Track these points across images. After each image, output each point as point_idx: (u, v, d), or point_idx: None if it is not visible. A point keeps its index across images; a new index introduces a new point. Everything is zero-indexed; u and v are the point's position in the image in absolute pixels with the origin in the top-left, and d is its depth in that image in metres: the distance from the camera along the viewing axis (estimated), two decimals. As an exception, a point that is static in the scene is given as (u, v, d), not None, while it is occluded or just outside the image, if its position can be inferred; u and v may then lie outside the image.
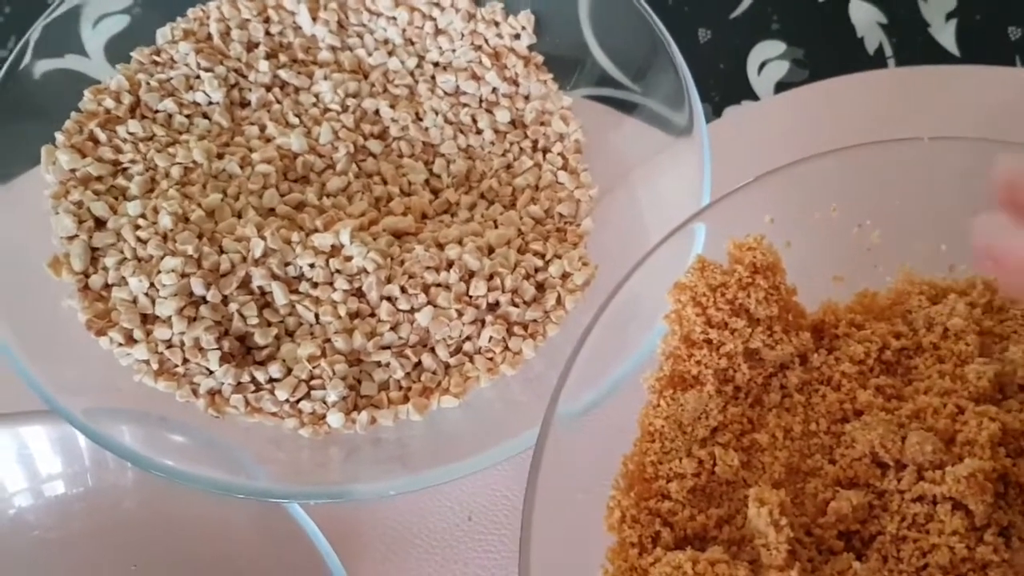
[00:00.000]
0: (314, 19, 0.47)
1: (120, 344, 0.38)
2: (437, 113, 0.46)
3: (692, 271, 0.36)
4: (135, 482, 0.37)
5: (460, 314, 0.40)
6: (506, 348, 0.40)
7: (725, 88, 0.54)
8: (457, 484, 0.43)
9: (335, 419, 0.38)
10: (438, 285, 0.40)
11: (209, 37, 0.46)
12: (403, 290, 0.40)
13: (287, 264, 0.40)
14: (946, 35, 0.56)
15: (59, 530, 0.37)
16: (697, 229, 0.38)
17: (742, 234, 0.36)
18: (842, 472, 0.35)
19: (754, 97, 0.54)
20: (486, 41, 0.47)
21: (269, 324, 0.39)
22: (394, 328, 0.40)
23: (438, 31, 0.48)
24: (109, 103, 0.43)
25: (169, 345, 0.38)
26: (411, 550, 0.41)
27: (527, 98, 0.47)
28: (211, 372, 0.38)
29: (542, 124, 0.46)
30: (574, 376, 0.35)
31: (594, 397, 0.35)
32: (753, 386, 0.36)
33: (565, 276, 0.42)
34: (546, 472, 0.33)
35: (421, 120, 0.46)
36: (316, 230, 0.41)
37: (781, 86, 0.55)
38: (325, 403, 0.38)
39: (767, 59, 0.55)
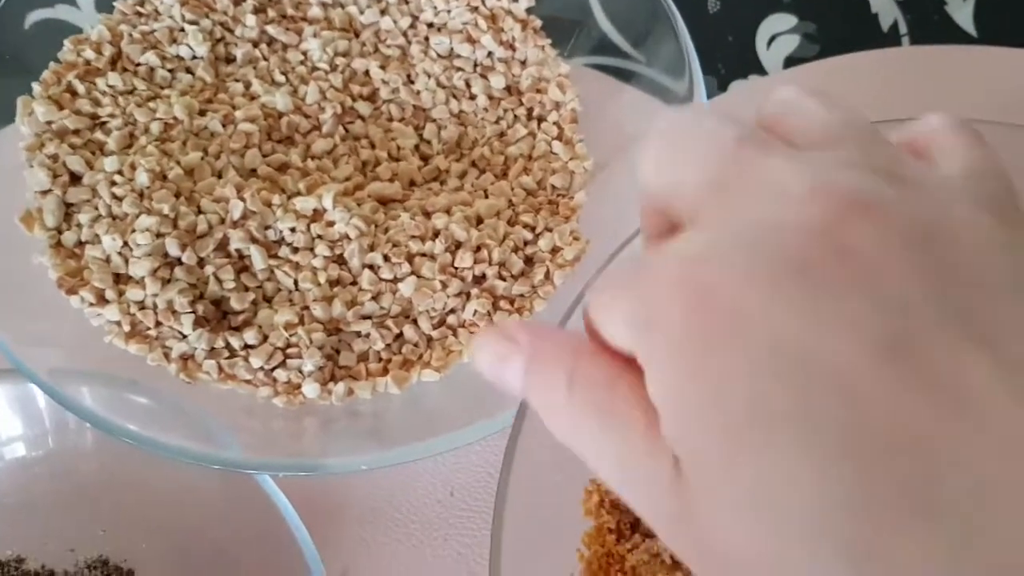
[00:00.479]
0: (306, -26, 0.45)
1: (91, 304, 0.37)
2: (429, 76, 0.44)
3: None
4: (96, 445, 0.36)
5: (444, 286, 0.39)
6: (491, 322, 0.39)
7: (733, 61, 0.52)
8: (439, 460, 0.42)
9: (310, 389, 0.37)
10: (423, 255, 0.39)
11: (196, -11, 0.45)
12: (386, 258, 0.39)
13: (267, 227, 0.39)
14: (963, 14, 0.54)
15: (21, 494, 0.36)
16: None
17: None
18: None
19: (762, 72, 0.53)
20: (483, 2, 0.46)
21: (246, 289, 0.38)
22: (375, 298, 0.38)
23: (434, -10, 0.46)
24: (89, 54, 0.42)
25: (142, 307, 0.37)
26: (391, 525, 0.40)
27: (523, 63, 0.45)
28: (184, 336, 0.37)
29: (538, 91, 0.44)
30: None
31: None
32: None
33: (555, 250, 0.40)
34: (522, 453, 0.32)
35: (413, 83, 0.44)
36: (298, 193, 0.39)
37: (791, 61, 0.53)
38: (301, 372, 0.37)
39: (777, 33, 0.54)
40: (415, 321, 0.39)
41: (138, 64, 0.42)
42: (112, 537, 0.38)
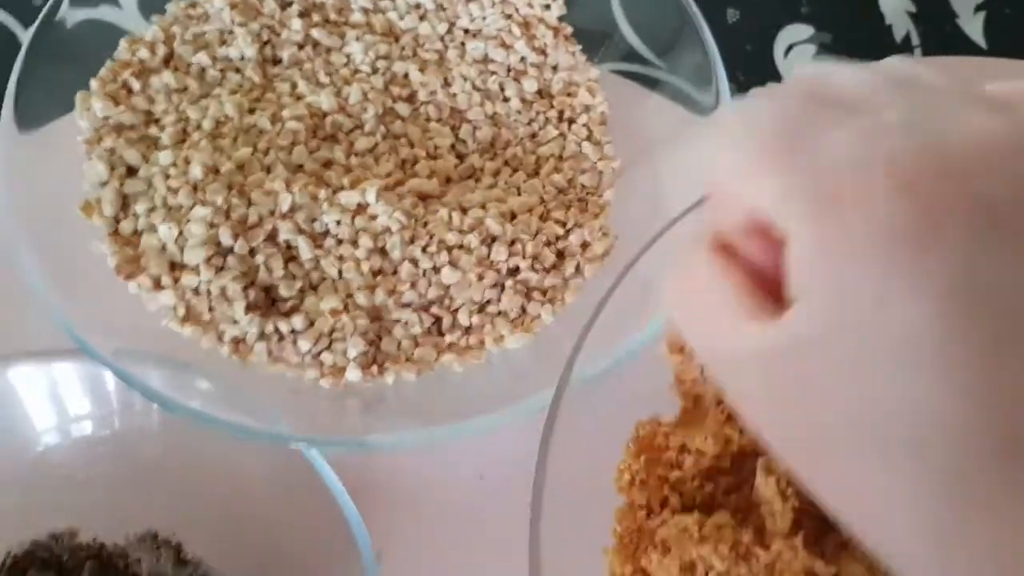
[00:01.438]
0: (348, -20, 0.47)
1: (148, 289, 0.39)
2: (465, 79, 0.46)
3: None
4: (160, 427, 0.38)
5: (481, 277, 0.41)
6: (524, 312, 0.41)
7: (752, 69, 0.55)
8: (469, 445, 0.43)
9: (354, 373, 0.39)
10: (460, 247, 0.41)
11: (244, -7, 0.47)
12: (425, 250, 0.41)
13: (313, 220, 0.41)
14: (974, 26, 0.56)
15: (85, 471, 0.38)
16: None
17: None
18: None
19: (780, 79, 0.55)
20: (516, 10, 0.48)
21: (294, 277, 0.40)
22: (415, 287, 0.40)
23: (469, -2, 0.48)
24: (144, 54, 0.44)
25: (196, 292, 0.39)
26: (422, 509, 0.42)
27: (555, 69, 0.47)
28: (236, 321, 0.39)
29: (568, 95, 0.46)
30: (591, 340, 0.36)
31: (609, 363, 0.36)
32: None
33: (585, 245, 0.42)
34: (559, 433, 0.34)
35: (449, 85, 0.46)
36: (342, 188, 0.42)
37: (807, 70, 0.55)
38: (345, 356, 0.39)
39: (794, 42, 0.56)
40: (452, 310, 0.41)
41: (190, 64, 0.44)
42: (162, 512, 0.40)
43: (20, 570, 0.38)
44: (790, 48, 0.56)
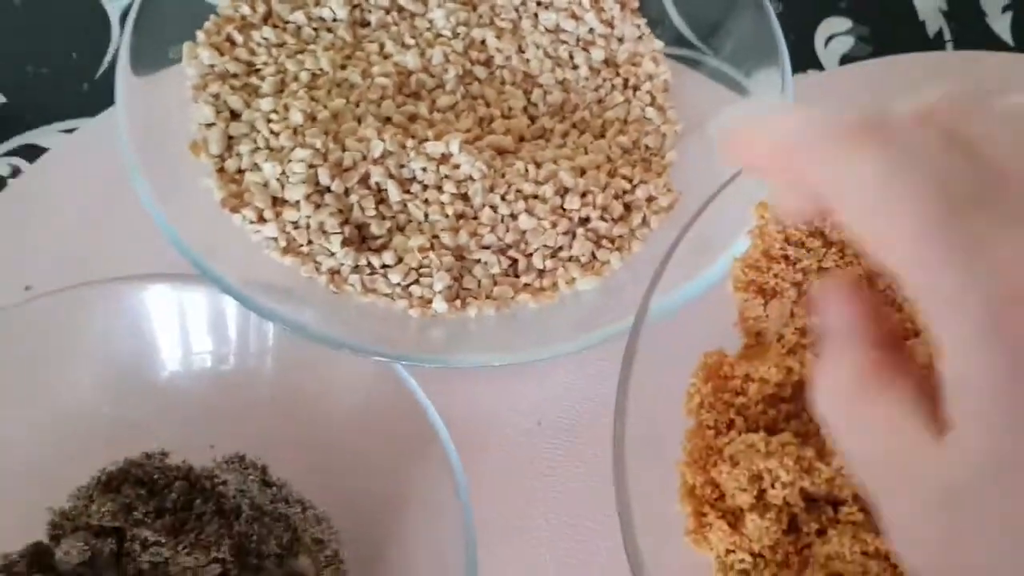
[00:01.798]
0: (430, -47, 0.51)
1: (251, 222, 0.42)
2: (538, 47, 0.50)
3: (777, 192, 0.40)
4: (274, 366, 0.41)
5: (554, 225, 0.44)
6: (594, 258, 0.44)
7: (793, 57, 0.58)
8: (527, 393, 0.46)
9: (440, 305, 0.42)
10: (535, 197, 0.44)
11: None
12: (504, 198, 0.44)
13: (402, 166, 0.44)
14: (1002, 24, 0.60)
15: (191, 400, 0.41)
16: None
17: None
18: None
19: (820, 67, 0.58)
20: (586, -16, 0.51)
21: (383, 217, 0.43)
22: (494, 231, 0.44)
23: (542, -28, 0.52)
24: (245, 10, 0.47)
25: (296, 226, 0.42)
26: (480, 454, 0.44)
27: (621, 40, 0.51)
28: (332, 253, 0.42)
29: (633, 65, 0.50)
30: (666, 277, 0.39)
31: (677, 300, 0.39)
32: (822, 301, 0.40)
33: (650, 199, 0.46)
34: (640, 359, 0.37)
35: (523, 52, 0.50)
36: (427, 139, 0.45)
37: (845, 59, 0.59)
38: (432, 289, 0.42)
39: (834, 33, 0.59)
40: (528, 254, 0.44)
41: (287, 22, 0.48)
42: (251, 437, 0.42)
43: (114, 487, 0.40)
44: (830, 39, 0.59)
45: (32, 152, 0.54)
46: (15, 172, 0.53)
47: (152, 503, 0.40)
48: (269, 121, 0.44)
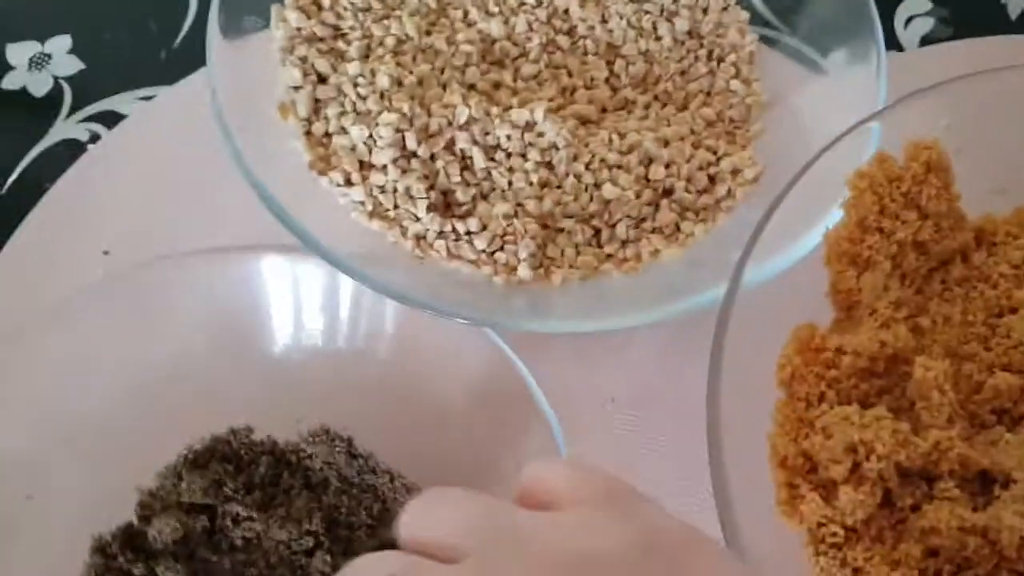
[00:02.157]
0: (512, -79, 0.50)
1: (339, 185, 0.42)
2: (621, 17, 0.49)
3: (872, 162, 0.39)
4: (361, 341, 0.41)
5: (638, 195, 0.44)
6: (678, 229, 0.44)
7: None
8: (600, 372, 0.45)
9: (525, 272, 0.42)
10: (619, 167, 0.44)
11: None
12: (588, 167, 0.44)
13: (487, 133, 0.44)
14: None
15: (292, 377, 0.41)
16: (874, 129, 0.41)
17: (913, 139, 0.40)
18: (998, 358, 0.38)
19: (900, 48, 0.57)
20: (671, -46, 0.51)
21: (468, 184, 0.43)
22: (578, 200, 0.43)
23: (627, -57, 0.51)
24: (332, -26, 0.47)
25: (383, 190, 0.42)
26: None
27: (705, 11, 0.50)
28: (418, 218, 0.42)
29: (718, 36, 0.49)
30: (757, 248, 0.39)
31: (769, 271, 0.39)
32: (917, 276, 0.40)
33: (735, 171, 0.45)
34: (731, 331, 0.37)
35: (606, 22, 0.49)
36: (511, 107, 0.45)
37: (925, 40, 0.57)
38: (516, 256, 0.42)
39: (914, 15, 0.58)
40: (612, 224, 0.44)
41: (373, -13, 0.48)
42: (336, 410, 0.41)
43: (202, 464, 0.40)
44: (910, 19, 0.58)
45: (110, 118, 0.54)
46: (94, 138, 0.54)
47: (240, 479, 0.39)
48: (356, 85, 0.44)
